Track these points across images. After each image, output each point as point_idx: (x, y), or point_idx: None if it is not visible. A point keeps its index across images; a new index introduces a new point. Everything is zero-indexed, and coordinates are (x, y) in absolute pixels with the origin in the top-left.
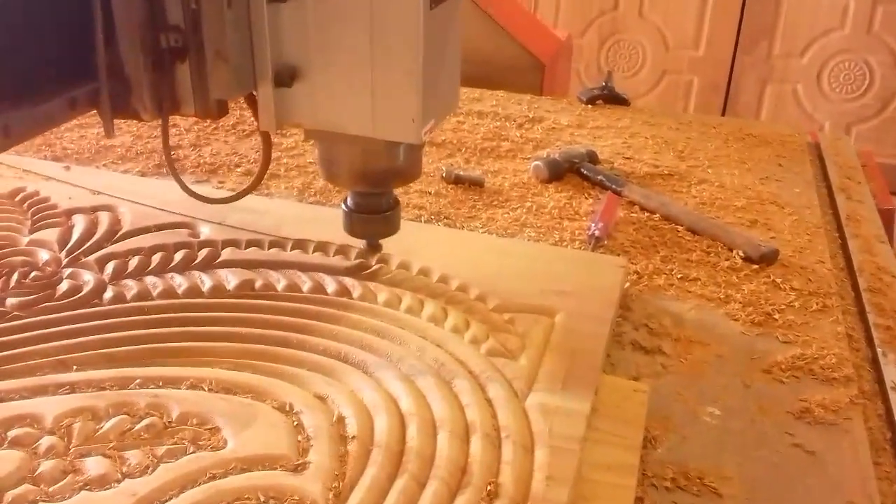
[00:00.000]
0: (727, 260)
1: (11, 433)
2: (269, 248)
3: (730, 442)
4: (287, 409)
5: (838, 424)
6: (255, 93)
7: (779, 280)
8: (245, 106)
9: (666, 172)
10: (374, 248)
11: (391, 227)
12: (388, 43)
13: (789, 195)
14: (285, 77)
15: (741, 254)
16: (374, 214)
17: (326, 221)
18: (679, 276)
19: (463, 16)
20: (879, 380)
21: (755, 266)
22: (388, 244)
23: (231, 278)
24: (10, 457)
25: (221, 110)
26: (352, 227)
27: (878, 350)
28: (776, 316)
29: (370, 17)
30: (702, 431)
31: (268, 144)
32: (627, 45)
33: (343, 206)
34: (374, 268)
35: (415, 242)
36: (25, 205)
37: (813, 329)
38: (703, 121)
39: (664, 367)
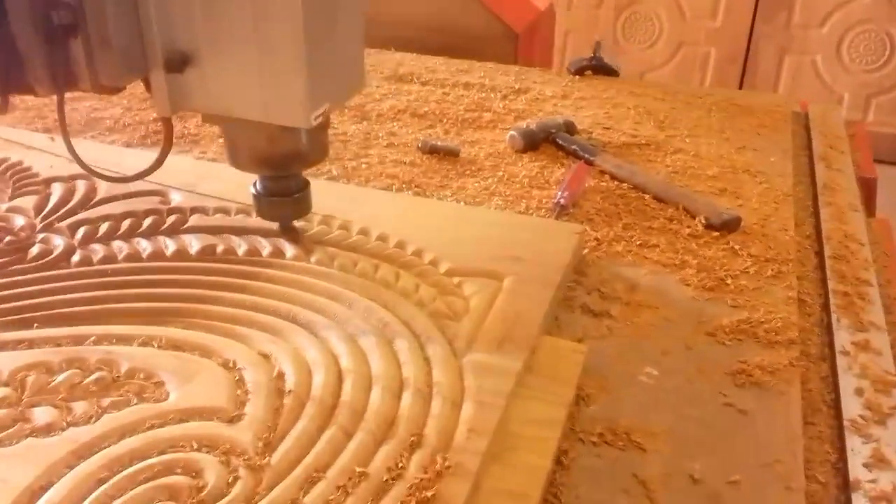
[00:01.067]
0: (688, 227)
1: None
2: (235, 215)
3: (663, 401)
4: (231, 365)
5: (773, 387)
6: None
7: (737, 247)
8: None
9: (643, 142)
10: (287, 230)
11: (302, 209)
12: (271, 27)
13: (763, 164)
14: (177, 63)
15: (703, 221)
16: (283, 197)
17: None
18: (638, 242)
19: None
20: (829, 343)
21: (716, 233)
22: (349, 212)
23: (194, 243)
24: None
25: (118, 87)
26: (261, 210)
27: (833, 315)
28: (728, 281)
29: (253, 1)
30: (637, 391)
31: (168, 129)
32: (643, 16)
33: (252, 188)
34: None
35: (379, 211)
36: (8, 174)
37: (764, 294)
38: (690, 91)
39: (610, 329)
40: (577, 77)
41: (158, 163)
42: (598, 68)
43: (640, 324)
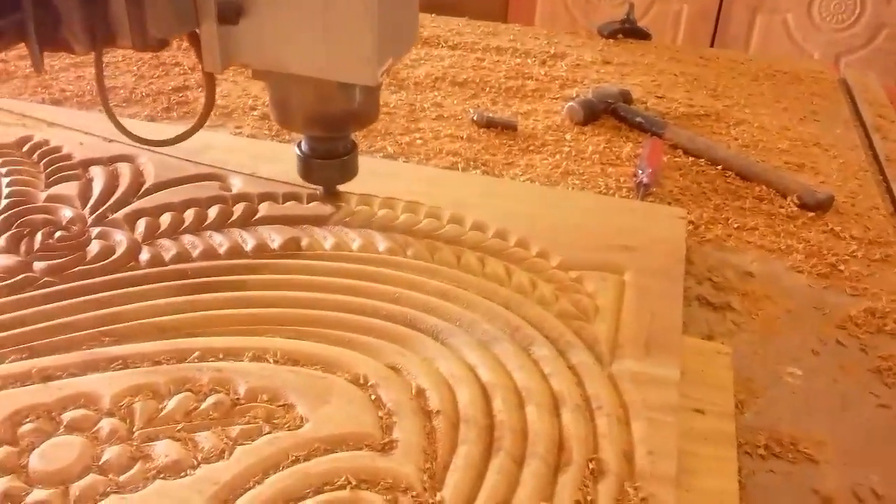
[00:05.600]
0: (782, 207)
1: (67, 416)
2: (308, 203)
3: (815, 404)
4: (361, 381)
5: None
6: (197, 31)
7: (837, 228)
8: None
9: (702, 113)
10: (332, 195)
11: (348, 173)
12: None
13: (831, 136)
14: (230, 13)
15: (796, 200)
16: (330, 159)
17: (373, 174)
18: (736, 225)
19: None
20: None
21: (811, 213)
22: (429, 196)
23: (274, 236)
24: (70, 443)
25: (162, 43)
26: (306, 173)
27: None
28: (841, 267)
29: None
30: (786, 394)
31: (211, 86)
32: None
33: (297, 149)
34: (330, 212)
35: (462, 194)
36: (35, 155)
37: (879, 280)
38: (730, 56)
39: (736, 324)
40: (611, 41)
41: (200, 123)
42: (631, 31)
43: (764, 317)
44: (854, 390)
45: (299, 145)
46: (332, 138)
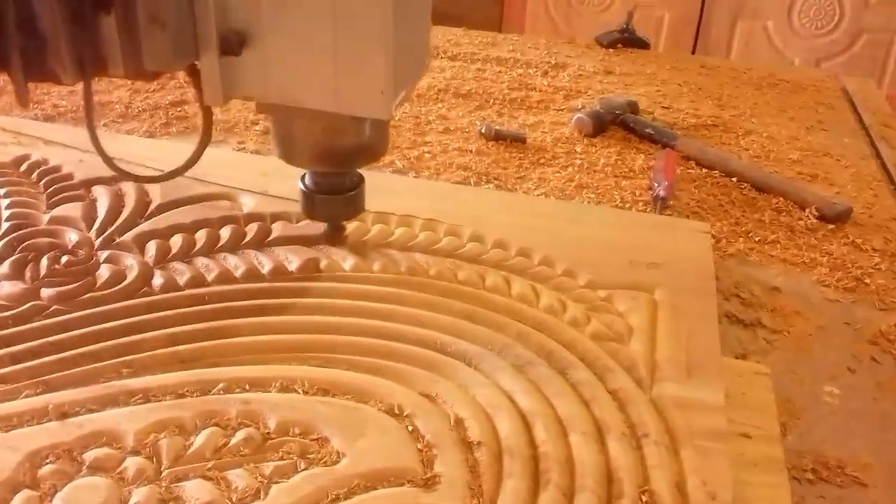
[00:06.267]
0: (800, 219)
1: (89, 455)
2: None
3: (857, 424)
4: (396, 411)
5: None
6: (196, 63)
7: (858, 240)
8: None
9: (710, 123)
10: (337, 231)
11: (355, 209)
12: (352, 2)
13: (840, 146)
14: (233, 43)
15: (814, 212)
16: (335, 195)
17: (386, 191)
18: (757, 238)
19: None
20: None
21: (830, 226)
22: (453, 214)
23: (292, 258)
24: (95, 485)
25: (157, 73)
26: (311, 209)
27: None
28: (867, 280)
29: None
30: (826, 414)
31: (208, 120)
32: None
33: (300, 184)
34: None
35: (479, 210)
36: (35, 175)
37: None
38: (730, 65)
39: (768, 342)
40: (611, 51)
41: (195, 158)
42: (630, 41)
43: (796, 334)
44: (894, 409)
45: (303, 179)
46: (338, 173)
